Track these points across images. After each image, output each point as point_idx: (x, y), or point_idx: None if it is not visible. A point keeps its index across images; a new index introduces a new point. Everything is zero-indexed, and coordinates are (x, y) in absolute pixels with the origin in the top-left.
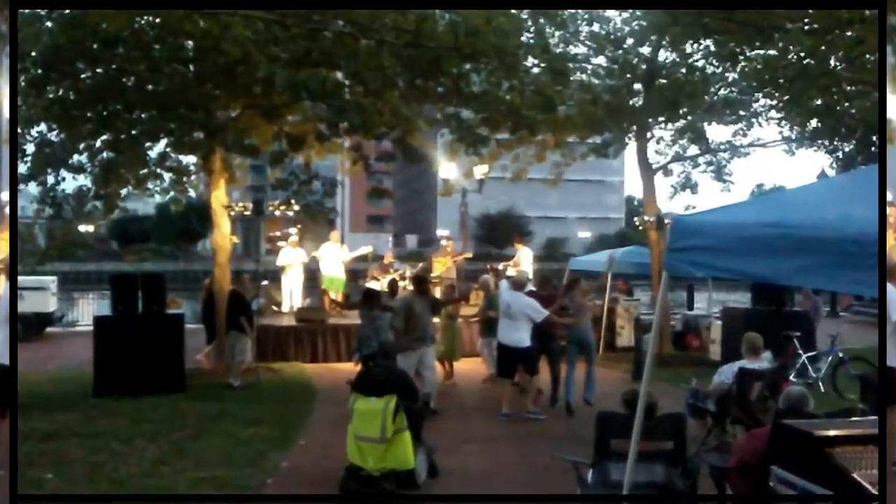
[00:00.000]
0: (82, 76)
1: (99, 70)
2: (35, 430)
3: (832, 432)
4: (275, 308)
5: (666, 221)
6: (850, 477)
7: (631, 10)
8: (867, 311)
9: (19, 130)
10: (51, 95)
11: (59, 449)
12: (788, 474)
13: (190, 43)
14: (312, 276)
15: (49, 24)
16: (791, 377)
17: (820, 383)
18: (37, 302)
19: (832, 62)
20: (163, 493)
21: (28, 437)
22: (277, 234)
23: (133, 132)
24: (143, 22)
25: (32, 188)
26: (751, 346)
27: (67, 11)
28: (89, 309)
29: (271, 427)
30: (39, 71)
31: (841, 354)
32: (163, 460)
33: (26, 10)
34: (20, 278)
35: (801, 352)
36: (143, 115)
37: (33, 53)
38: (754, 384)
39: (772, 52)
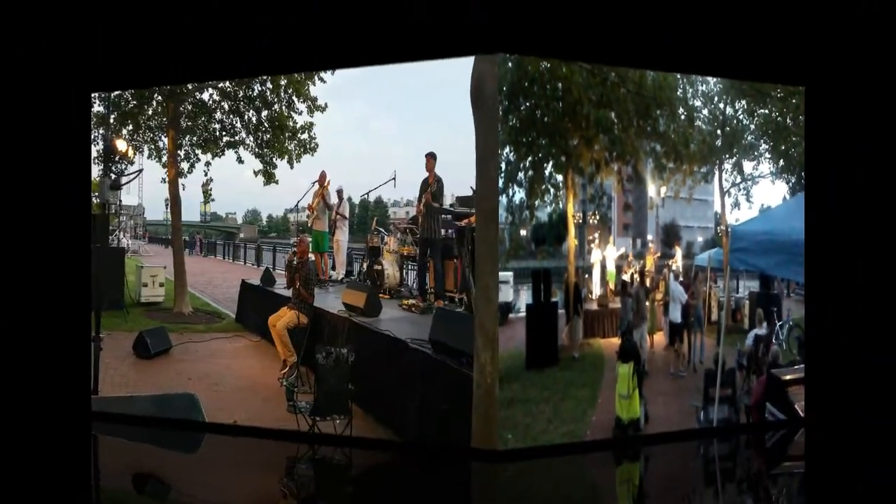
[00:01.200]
0: (521, 108)
1: (527, 104)
2: (504, 399)
3: (787, 377)
4: (589, 296)
5: (729, 230)
6: (794, 407)
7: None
8: (802, 293)
9: (499, 151)
10: (510, 124)
11: (512, 415)
12: (772, 407)
13: (560, 85)
14: (602, 270)
15: (510, 64)
16: (773, 339)
17: (783, 343)
18: (503, 293)
19: (788, 120)
20: (552, 444)
21: (501, 404)
22: (590, 237)
23: (540, 155)
24: (541, 67)
25: (503, 200)
26: (759, 318)
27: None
28: (525, 298)
29: (588, 389)
30: (506, 102)
31: (791, 322)
32: (550, 419)
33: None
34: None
35: (776, 321)
36: (542, 142)
37: (504, 88)
38: (759, 345)
39: (765, 111)
